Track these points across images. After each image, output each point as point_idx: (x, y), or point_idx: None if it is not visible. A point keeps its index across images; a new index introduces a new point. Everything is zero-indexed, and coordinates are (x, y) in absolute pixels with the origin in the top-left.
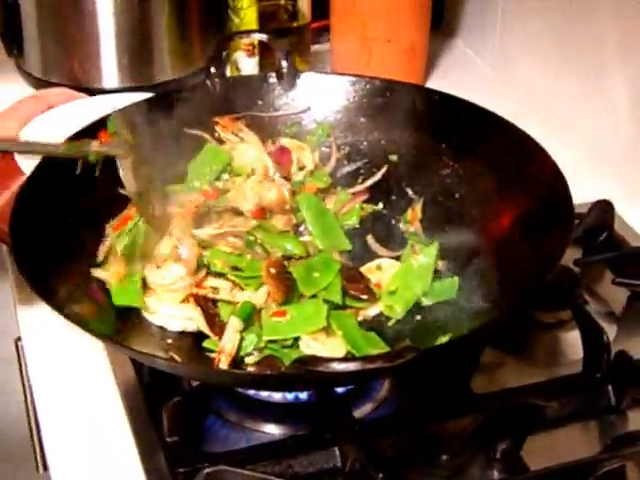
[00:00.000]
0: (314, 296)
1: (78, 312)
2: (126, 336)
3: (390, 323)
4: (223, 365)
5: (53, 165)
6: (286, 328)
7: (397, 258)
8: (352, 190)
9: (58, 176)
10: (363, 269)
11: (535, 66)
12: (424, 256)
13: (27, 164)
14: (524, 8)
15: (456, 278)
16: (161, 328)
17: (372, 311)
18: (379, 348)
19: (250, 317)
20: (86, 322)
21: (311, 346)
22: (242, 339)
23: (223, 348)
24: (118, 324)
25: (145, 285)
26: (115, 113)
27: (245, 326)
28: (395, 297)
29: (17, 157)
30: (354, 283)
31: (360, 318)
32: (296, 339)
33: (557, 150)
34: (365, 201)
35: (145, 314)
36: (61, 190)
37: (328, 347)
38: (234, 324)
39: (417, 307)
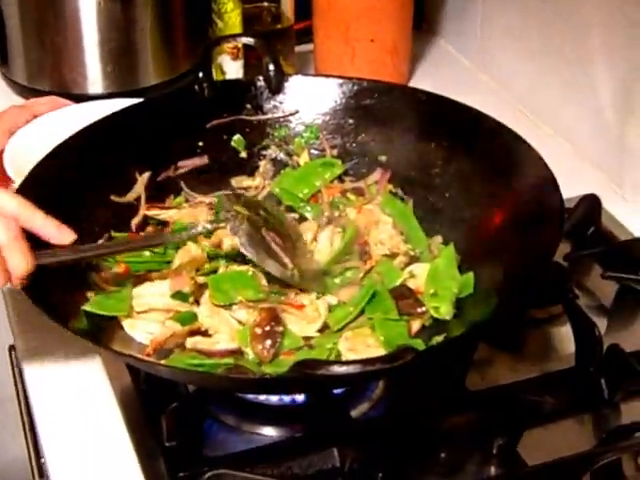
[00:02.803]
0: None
1: (80, 325)
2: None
3: None
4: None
5: (43, 173)
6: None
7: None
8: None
9: (49, 184)
10: (401, 280)
11: (517, 61)
12: (445, 258)
13: (16, 172)
14: (505, 4)
15: (471, 274)
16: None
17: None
18: None
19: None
20: (89, 333)
21: (349, 358)
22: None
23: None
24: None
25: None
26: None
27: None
28: (438, 299)
29: (6, 165)
30: (404, 299)
31: (416, 328)
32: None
33: (542, 145)
34: None
35: (126, 327)
36: (54, 198)
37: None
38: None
39: None
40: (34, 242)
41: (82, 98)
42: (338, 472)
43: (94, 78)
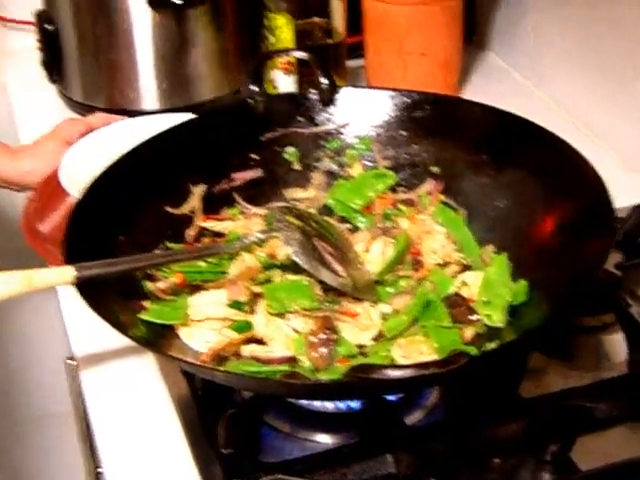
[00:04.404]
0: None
1: (138, 333)
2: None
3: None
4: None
5: (101, 186)
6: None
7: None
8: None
9: (107, 196)
10: (453, 288)
11: (568, 75)
12: (498, 266)
13: (72, 185)
14: (555, 18)
15: (524, 282)
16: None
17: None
18: None
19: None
20: (147, 341)
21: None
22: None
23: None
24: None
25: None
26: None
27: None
28: (491, 306)
29: (62, 179)
30: (457, 307)
31: (469, 335)
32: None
33: (593, 156)
34: None
35: (182, 335)
36: (111, 210)
37: None
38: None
39: None
40: (95, 254)
41: (136, 114)
42: (393, 478)
43: (148, 94)
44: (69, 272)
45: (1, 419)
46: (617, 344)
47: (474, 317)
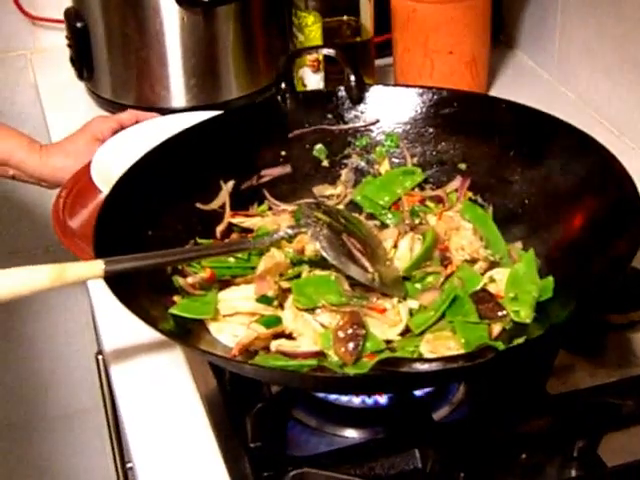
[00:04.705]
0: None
1: (168, 327)
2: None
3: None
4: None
5: (131, 181)
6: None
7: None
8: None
9: (136, 192)
10: (481, 284)
11: (596, 74)
12: (525, 263)
13: (104, 182)
14: (582, 16)
15: (551, 278)
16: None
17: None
18: None
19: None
20: (176, 335)
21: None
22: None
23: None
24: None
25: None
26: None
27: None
28: (518, 302)
29: (94, 176)
30: (485, 303)
31: (496, 331)
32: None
33: (621, 154)
34: None
35: (212, 330)
36: (140, 205)
37: None
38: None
39: None
40: (125, 249)
41: (165, 112)
42: (420, 473)
43: (177, 92)
44: (98, 266)
45: (31, 415)
46: None
47: (501, 313)
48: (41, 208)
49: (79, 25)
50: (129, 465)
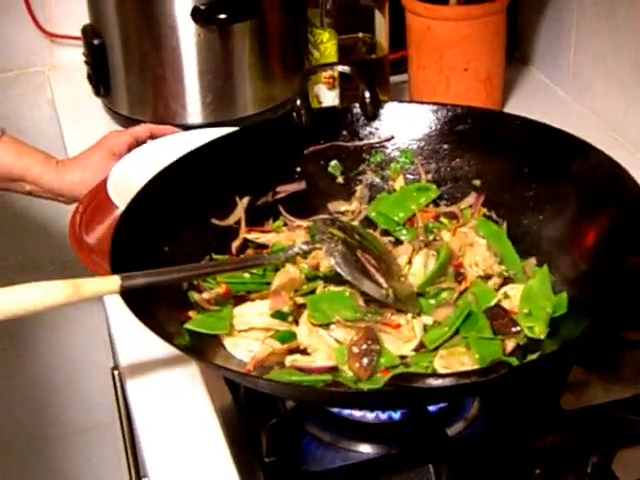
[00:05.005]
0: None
1: (183, 342)
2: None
3: None
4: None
5: (147, 197)
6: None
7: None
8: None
9: (153, 208)
10: (495, 300)
11: (610, 90)
12: (539, 279)
13: (120, 198)
14: (597, 32)
15: (565, 294)
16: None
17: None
18: None
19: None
20: (192, 350)
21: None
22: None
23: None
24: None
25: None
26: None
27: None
28: (532, 318)
29: (110, 191)
30: (499, 319)
31: (510, 347)
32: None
33: (634, 171)
34: None
35: (227, 345)
36: (157, 221)
37: None
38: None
39: None
40: (141, 264)
41: (182, 128)
42: None
43: (193, 109)
44: (114, 281)
45: (48, 430)
46: None
47: (515, 329)
48: (58, 224)
49: (96, 42)
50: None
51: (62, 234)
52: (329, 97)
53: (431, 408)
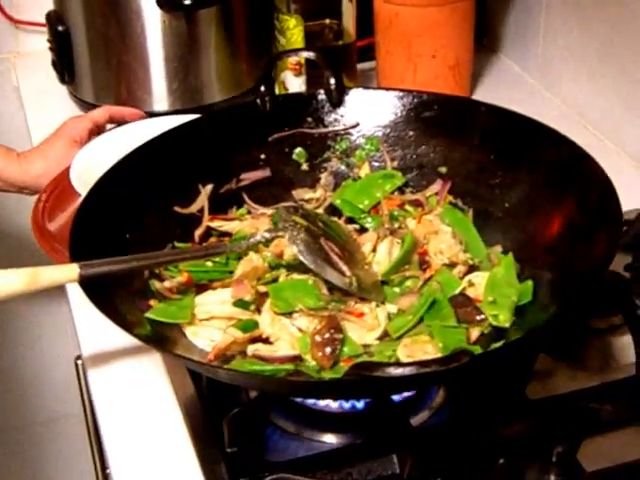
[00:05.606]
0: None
1: (144, 332)
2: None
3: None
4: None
5: (109, 184)
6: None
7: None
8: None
9: (114, 195)
10: (460, 289)
11: (579, 77)
12: (504, 267)
13: (83, 185)
14: (566, 20)
15: (530, 282)
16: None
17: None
18: None
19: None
20: (153, 339)
21: None
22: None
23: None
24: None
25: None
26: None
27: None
28: (497, 306)
29: (73, 179)
30: (463, 307)
31: (475, 335)
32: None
33: (602, 158)
34: None
35: (188, 334)
36: (118, 208)
37: None
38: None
39: None
40: (102, 253)
41: (148, 115)
42: (397, 478)
43: (159, 96)
44: (73, 270)
45: (14, 421)
46: (625, 346)
47: (480, 317)
48: (20, 217)
49: (61, 29)
50: (107, 470)
51: (27, 227)
52: (295, 84)
53: (395, 397)
